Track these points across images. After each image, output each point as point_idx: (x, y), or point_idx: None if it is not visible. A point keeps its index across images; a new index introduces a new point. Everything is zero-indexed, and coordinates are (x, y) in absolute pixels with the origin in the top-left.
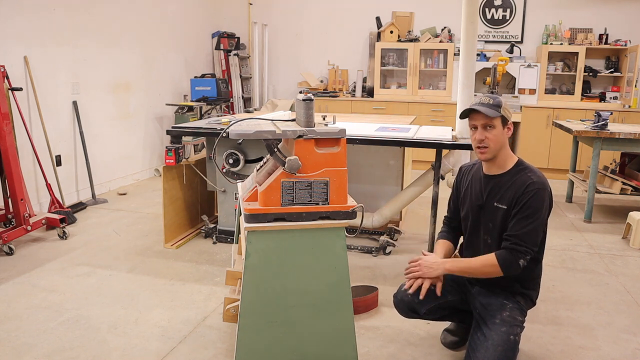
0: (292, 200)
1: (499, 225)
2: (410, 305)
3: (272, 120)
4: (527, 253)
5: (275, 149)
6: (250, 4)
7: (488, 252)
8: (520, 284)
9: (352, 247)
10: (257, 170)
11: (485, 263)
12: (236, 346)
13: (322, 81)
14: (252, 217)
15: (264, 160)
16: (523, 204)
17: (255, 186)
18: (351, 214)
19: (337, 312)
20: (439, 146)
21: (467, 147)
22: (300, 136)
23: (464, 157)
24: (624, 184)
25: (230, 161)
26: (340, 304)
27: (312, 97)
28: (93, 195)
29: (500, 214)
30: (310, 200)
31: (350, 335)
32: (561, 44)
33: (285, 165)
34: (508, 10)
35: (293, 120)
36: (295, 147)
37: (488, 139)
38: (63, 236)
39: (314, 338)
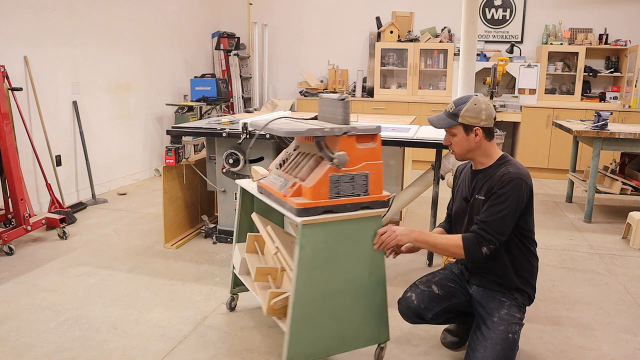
0: (338, 193)
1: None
2: (416, 311)
3: (298, 119)
4: (492, 242)
5: (324, 146)
6: (250, 4)
7: None
8: (518, 277)
9: None
10: (281, 168)
11: (451, 243)
12: (288, 337)
13: (322, 81)
14: (304, 211)
15: (284, 158)
16: (495, 192)
17: (295, 182)
18: (386, 203)
19: (375, 293)
20: (439, 146)
21: None
22: (345, 133)
23: None
24: (624, 184)
25: (230, 161)
26: (376, 286)
27: (347, 96)
28: (93, 195)
29: (480, 205)
30: (353, 192)
31: (384, 313)
32: (561, 44)
33: (335, 161)
34: (508, 10)
35: (314, 118)
36: (340, 143)
37: (452, 144)
38: (63, 236)
39: (354, 320)
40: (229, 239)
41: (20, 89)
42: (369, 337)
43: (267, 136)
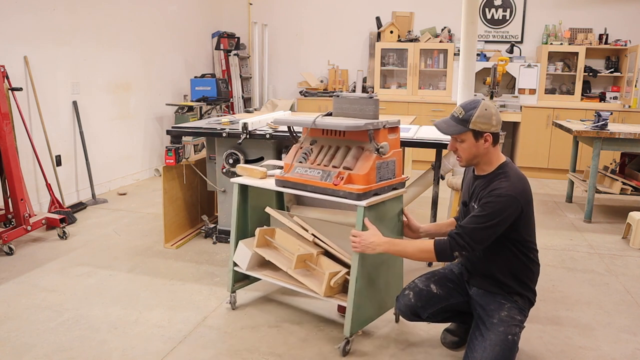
0: (380, 178)
1: None
2: (413, 309)
3: (326, 116)
4: (465, 248)
5: (373, 138)
6: (250, 4)
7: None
8: (517, 283)
9: None
10: (307, 162)
11: (421, 249)
12: (352, 310)
13: (322, 81)
14: (363, 196)
15: (304, 152)
16: (481, 204)
17: (340, 172)
18: (404, 184)
19: (398, 262)
20: (439, 146)
21: None
22: (384, 126)
23: None
24: (624, 184)
25: (230, 161)
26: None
27: (376, 94)
28: (93, 195)
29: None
30: (388, 177)
31: (402, 278)
32: (561, 44)
33: (382, 150)
34: (508, 10)
35: (329, 114)
36: (380, 135)
37: (458, 150)
38: (63, 236)
39: (387, 287)
40: (229, 239)
41: (20, 89)
42: (393, 301)
43: (267, 136)
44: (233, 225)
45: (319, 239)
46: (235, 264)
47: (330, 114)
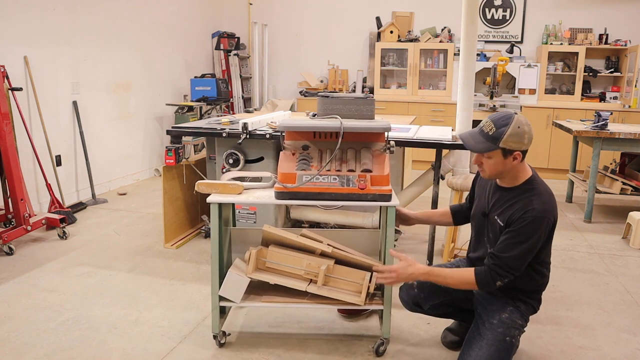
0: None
1: (494, 239)
2: (415, 299)
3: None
4: (506, 277)
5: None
6: (250, 4)
7: None
8: (522, 292)
9: None
10: (313, 168)
11: (462, 280)
12: (389, 309)
13: (322, 81)
14: (393, 196)
15: (302, 158)
16: (516, 228)
17: (362, 174)
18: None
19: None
20: (439, 146)
21: None
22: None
23: (464, 157)
24: (624, 184)
25: (230, 161)
26: None
27: (372, 95)
28: (93, 195)
29: (497, 228)
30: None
31: None
32: (561, 44)
33: (393, 149)
34: (508, 10)
35: (314, 117)
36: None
37: (484, 165)
38: (63, 236)
39: None
40: None
41: (20, 89)
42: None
43: (267, 136)
44: (215, 254)
45: (337, 248)
46: (221, 298)
47: (314, 116)
